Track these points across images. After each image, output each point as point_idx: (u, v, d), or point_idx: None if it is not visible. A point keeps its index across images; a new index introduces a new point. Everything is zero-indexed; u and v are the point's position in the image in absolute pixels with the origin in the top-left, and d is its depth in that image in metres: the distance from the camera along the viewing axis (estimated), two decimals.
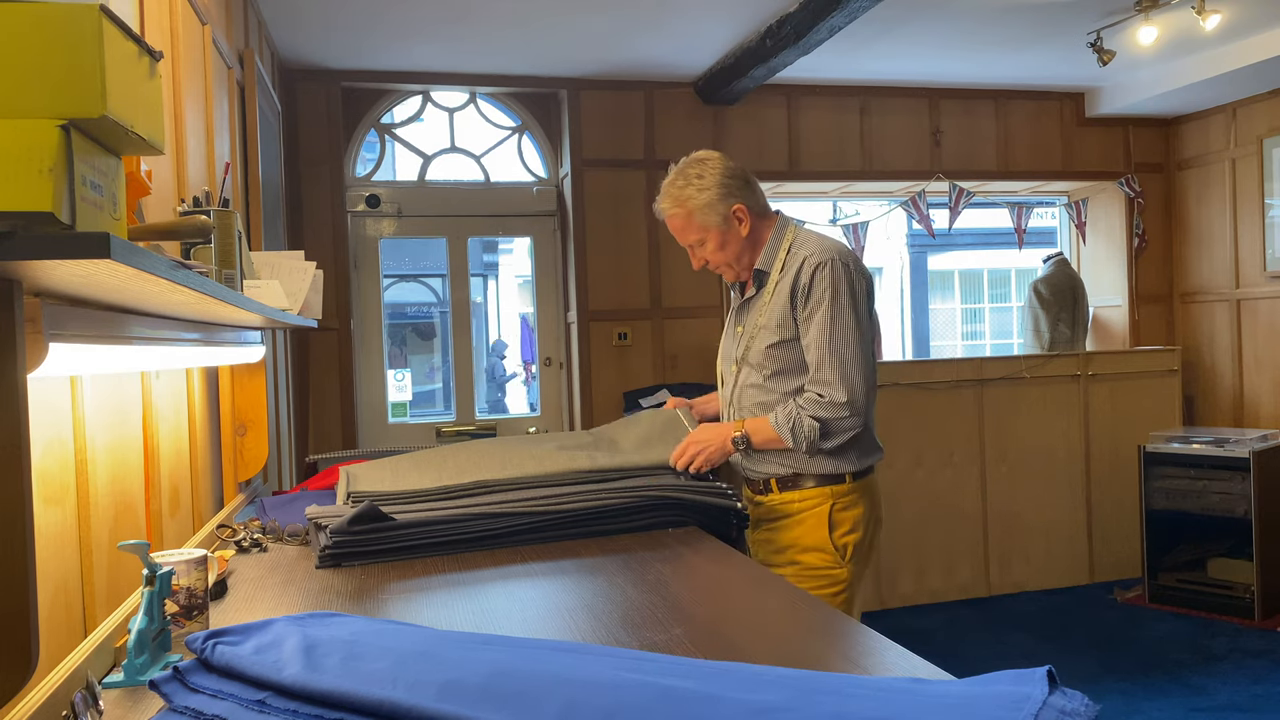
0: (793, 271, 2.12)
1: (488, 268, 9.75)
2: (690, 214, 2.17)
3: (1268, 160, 5.04)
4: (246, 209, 3.07)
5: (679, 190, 2.18)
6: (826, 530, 2.11)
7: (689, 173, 2.18)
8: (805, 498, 2.13)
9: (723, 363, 2.35)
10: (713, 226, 2.17)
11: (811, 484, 2.13)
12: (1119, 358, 5.30)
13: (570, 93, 4.81)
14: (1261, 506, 4.44)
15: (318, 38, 4.06)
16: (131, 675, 1.16)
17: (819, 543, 2.11)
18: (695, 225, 2.18)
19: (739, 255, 2.20)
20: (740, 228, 2.18)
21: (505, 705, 0.91)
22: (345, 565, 1.70)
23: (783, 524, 2.16)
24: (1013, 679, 0.93)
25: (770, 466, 2.16)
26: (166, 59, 1.88)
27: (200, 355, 1.81)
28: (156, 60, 0.89)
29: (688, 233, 2.20)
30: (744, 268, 2.22)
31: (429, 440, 4.73)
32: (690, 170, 2.18)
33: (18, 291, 0.85)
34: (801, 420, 2.06)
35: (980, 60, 4.76)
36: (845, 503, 2.13)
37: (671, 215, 2.21)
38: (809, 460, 2.12)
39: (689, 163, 2.20)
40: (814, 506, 2.12)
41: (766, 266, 2.19)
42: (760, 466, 2.18)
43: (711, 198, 2.16)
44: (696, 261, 2.27)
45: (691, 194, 2.16)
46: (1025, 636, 4.38)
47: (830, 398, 2.06)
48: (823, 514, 2.11)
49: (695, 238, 2.20)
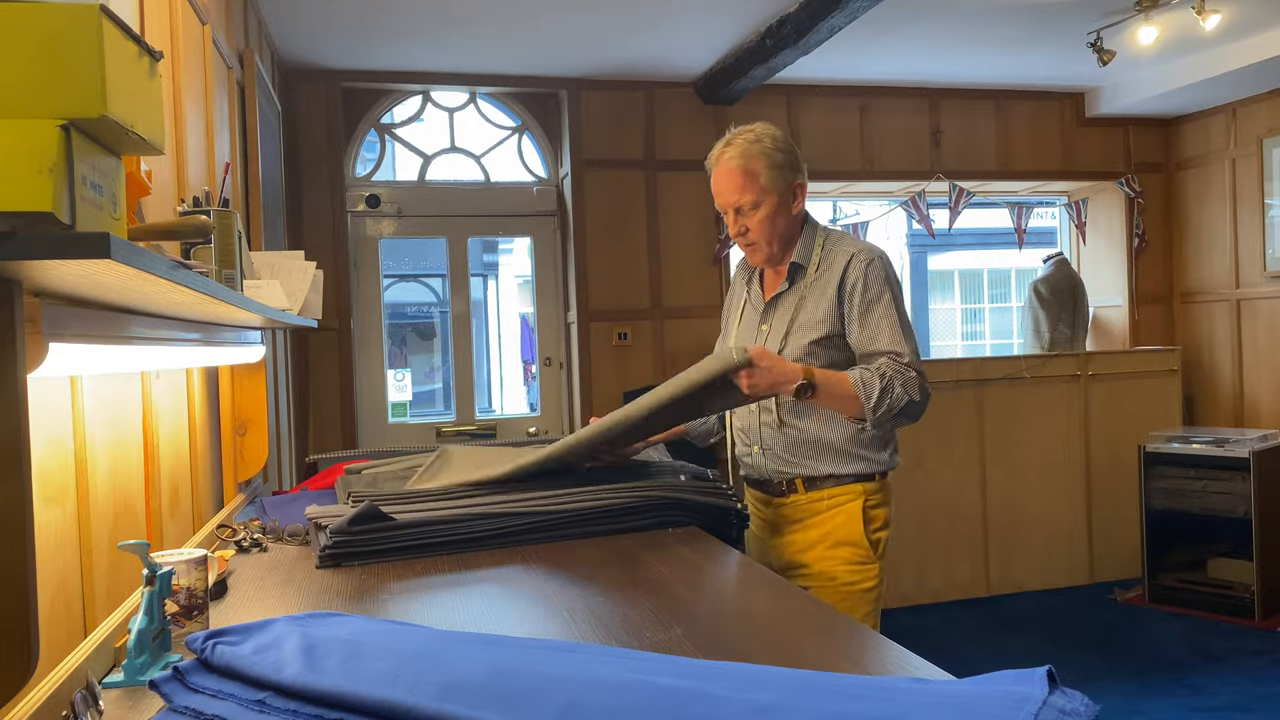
0: (838, 267, 2.04)
1: (488, 268, 9.74)
2: (756, 172, 2.04)
3: (1268, 160, 5.04)
4: (246, 209, 3.07)
5: (750, 144, 2.05)
6: (861, 525, 2.04)
7: (762, 132, 2.07)
8: (836, 494, 2.05)
9: None
10: (774, 192, 2.05)
11: (842, 482, 2.05)
12: (1119, 358, 5.30)
13: (570, 93, 4.81)
14: (1261, 506, 4.44)
15: (318, 38, 4.06)
16: (131, 675, 1.16)
17: (852, 537, 2.04)
18: (757, 185, 2.04)
19: (783, 234, 2.09)
20: (794, 205, 2.09)
21: (506, 705, 0.91)
22: (345, 565, 1.70)
23: (809, 522, 2.08)
24: (1013, 679, 0.93)
25: (799, 467, 2.07)
26: (166, 59, 1.88)
27: (200, 355, 1.81)
28: (156, 60, 0.89)
29: (745, 191, 2.05)
30: (776, 252, 2.11)
31: (429, 440, 4.73)
32: (764, 130, 2.07)
33: (18, 291, 0.85)
34: (891, 384, 1.94)
35: (980, 60, 4.76)
36: (876, 500, 2.07)
37: (731, 169, 2.05)
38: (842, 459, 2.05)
39: (760, 125, 2.09)
40: (846, 502, 2.05)
41: (804, 261, 2.10)
42: (788, 467, 2.09)
43: (784, 160, 2.06)
44: (736, 227, 2.10)
45: (767, 150, 2.04)
46: (1025, 636, 4.38)
47: (916, 371, 1.97)
48: (855, 510, 2.04)
49: (751, 198, 2.05)
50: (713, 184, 2.11)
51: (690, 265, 4.98)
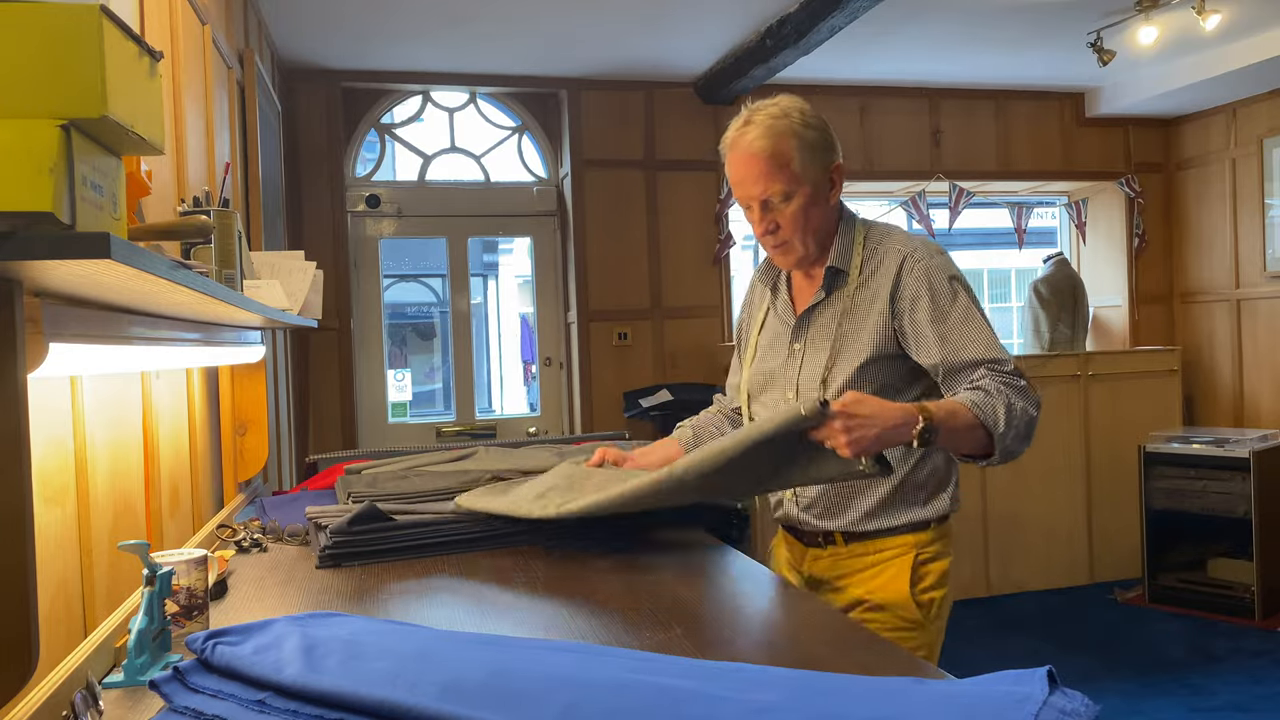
0: (887, 272, 1.67)
1: (488, 268, 9.73)
2: (787, 155, 1.63)
3: (1268, 160, 5.04)
4: (246, 209, 3.07)
5: (776, 120, 1.64)
6: (907, 585, 1.68)
7: (788, 105, 1.66)
8: (883, 548, 1.70)
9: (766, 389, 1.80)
10: (808, 179, 1.65)
11: (892, 533, 1.69)
12: (1119, 358, 5.30)
13: (570, 93, 4.81)
14: (1261, 506, 4.44)
15: (318, 38, 4.06)
16: (131, 675, 1.16)
17: (896, 599, 1.67)
18: (789, 172, 1.64)
19: (819, 229, 1.70)
20: (832, 193, 1.70)
21: (506, 705, 0.91)
22: (345, 565, 1.70)
23: (849, 580, 1.72)
24: (1013, 679, 0.93)
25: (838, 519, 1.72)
26: (166, 59, 1.88)
27: (200, 355, 1.81)
28: (156, 60, 0.89)
29: (774, 179, 1.64)
30: (813, 252, 1.72)
31: (429, 440, 4.73)
32: (790, 103, 1.67)
33: (18, 291, 0.85)
34: (1012, 402, 1.54)
35: (980, 60, 4.76)
36: (931, 552, 1.70)
37: (755, 153, 1.64)
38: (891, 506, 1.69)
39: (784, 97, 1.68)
40: (894, 557, 1.69)
41: (844, 265, 1.70)
42: (825, 519, 1.73)
43: (818, 140, 1.66)
44: (763, 224, 1.69)
45: (796, 128, 1.64)
46: (1025, 636, 4.38)
47: (1024, 379, 1.60)
48: (904, 567, 1.68)
49: (781, 188, 1.64)
50: (731, 171, 1.70)
51: (690, 265, 4.98)
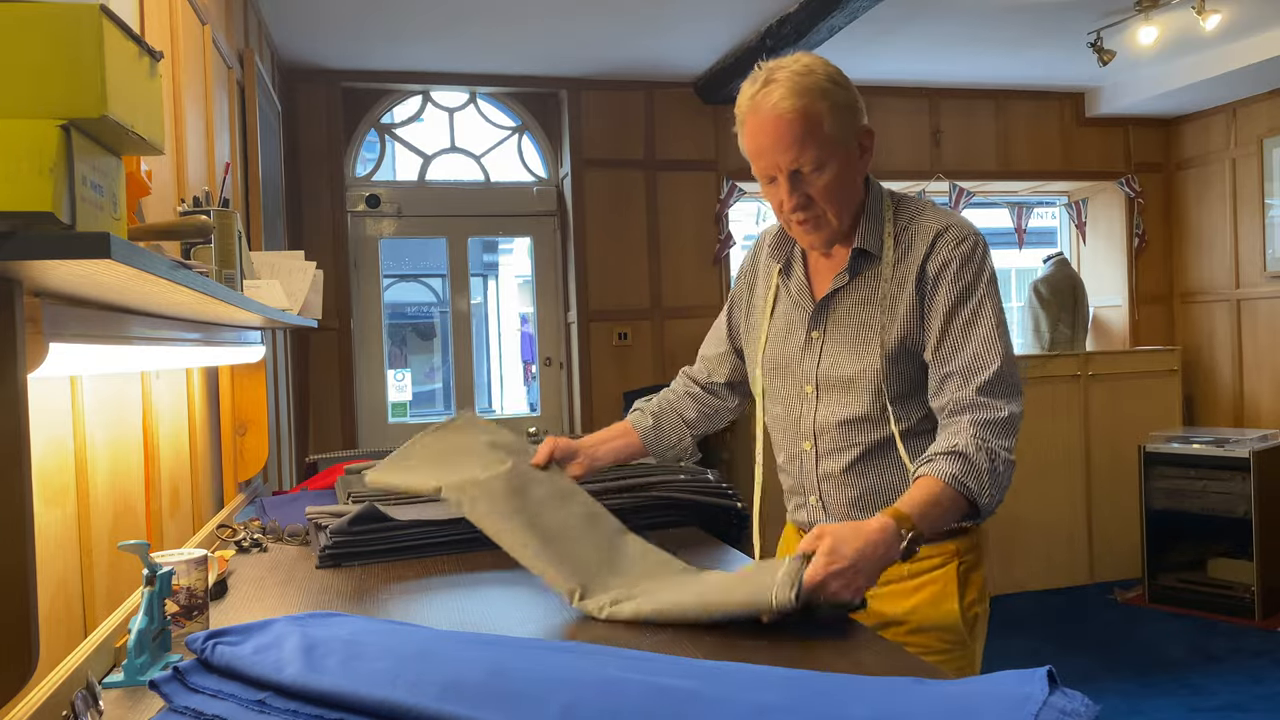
0: (919, 250, 1.48)
1: (488, 268, 9.73)
2: (818, 117, 1.41)
3: (1268, 160, 5.04)
4: (246, 209, 3.07)
5: (802, 77, 1.42)
6: (956, 601, 1.48)
7: (811, 63, 1.45)
8: (923, 559, 1.46)
9: (783, 380, 1.60)
10: (841, 144, 1.45)
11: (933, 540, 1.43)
12: (1119, 358, 5.29)
13: (570, 93, 4.81)
14: (1261, 506, 4.44)
15: (318, 38, 4.06)
16: (131, 675, 1.16)
17: (945, 619, 1.48)
18: (821, 137, 1.42)
19: (850, 201, 1.50)
20: (861, 162, 1.50)
21: (506, 705, 0.91)
22: (345, 565, 1.70)
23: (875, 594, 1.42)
24: (1013, 679, 0.93)
25: None
26: (166, 59, 1.88)
27: (200, 355, 1.81)
28: (156, 60, 0.89)
29: (804, 145, 1.42)
30: (845, 228, 1.51)
31: None
32: (813, 61, 1.46)
33: (18, 291, 0.85)
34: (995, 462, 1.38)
35: (980, 60, 4.76)
36: (971, 559, 1.51)
37: (781, 113, 1.41)
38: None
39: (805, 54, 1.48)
40: (937, 568, 1.49)
41: (872, 246, 1.51)
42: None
43: (847, 99, 1.45)
44: (792, 199, 1.46)
45: (825, 85, 1.43)
46: (1025, 636, 4.38)
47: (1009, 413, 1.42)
48: (949, 578, 1.48)
49: (813, 155, 1.42)
50: (751, 140, 1.47)
51: (690, 265, 4.98)
